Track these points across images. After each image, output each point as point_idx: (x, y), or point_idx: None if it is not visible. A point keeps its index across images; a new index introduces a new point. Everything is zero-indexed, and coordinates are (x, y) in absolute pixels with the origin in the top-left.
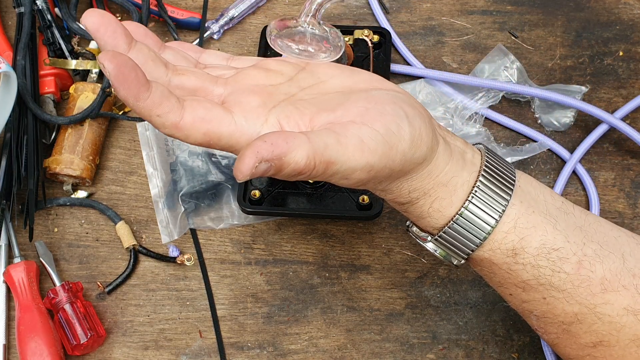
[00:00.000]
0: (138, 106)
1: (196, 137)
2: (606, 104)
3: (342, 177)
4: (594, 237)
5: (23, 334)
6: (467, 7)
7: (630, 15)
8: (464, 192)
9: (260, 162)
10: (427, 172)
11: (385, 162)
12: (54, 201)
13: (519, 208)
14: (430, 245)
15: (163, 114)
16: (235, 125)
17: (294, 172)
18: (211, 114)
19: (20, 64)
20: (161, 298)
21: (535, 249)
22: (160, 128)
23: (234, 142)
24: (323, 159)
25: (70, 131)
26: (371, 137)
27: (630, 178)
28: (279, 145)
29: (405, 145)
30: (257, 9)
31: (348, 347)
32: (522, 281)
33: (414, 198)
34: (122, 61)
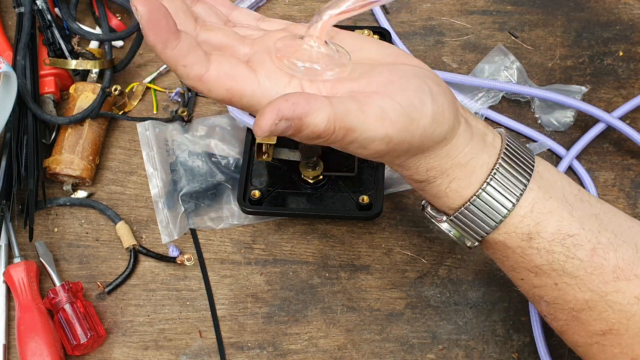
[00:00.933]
0: (165, 54)
1: (218, 92)
2: (606, 104)
3: (360, 146)
4: (608, 225)
5: (23, 334)
6: (467, 7)
7: (630, 15)
8: (482, 174)
9: (281, 119)
10: (446, 152)
11: (404, 136)
12: (54, 201)
13: (537, 193)
14: (445, 225)
15: (189, 64)
16: (258, 84)
17: (312, 135)
18: (236, 71)
19: (20, 64)
20: (161, 298)
21: (550, 234)
22: (184, 79)
23: (255, 101)
24: (343, 124)
25: (70, 131)
26: (393, 109)
27: (630, 178)
28: (300, 105)
29: (427, 121)
30: (257, 9)
31: (348, 347)
32: (535, 266)
33: (431, 177)
34: (154, 6)
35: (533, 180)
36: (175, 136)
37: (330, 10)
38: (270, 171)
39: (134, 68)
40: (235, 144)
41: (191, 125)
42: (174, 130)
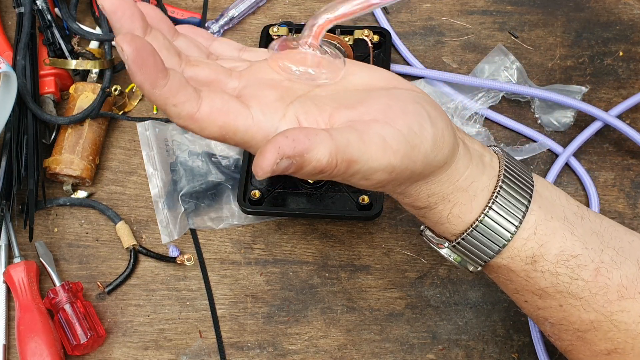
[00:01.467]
0: (154, 94)
1: (211, 130)
2: (606, 104)
3: (363, 178)
4: (610, 242)
5: (23, 334)
6: (467, 7)
7: (630, 15)
8: (484, 198)
9: (282, 158)
10: (446, 177)
11: (407, 164)
12: (54, 201)
13: (538, 214)
14: (446, 251)
15: (179, 103)
16: (252, 119)
17: (315, 171)
18: (228, 106)
19: (20, 64)
20: (161, 298)
21: (554, 256)
22: (175, 119)
23: (249, 137)
24: (345, 157)
25: (70, 131)
26: (394, 137)
27: (630, 178)
28: (300, 141)
29: (428, 147)
30: (257, 9)
31: (348, 347)
32: (540, 288)
33: (432, 203)
34: (141, 45)
35: (534, 200)
36: (175, 136)
37: (326, 15)
38: None
39: None
40: None
41: None
42: (174, 130)
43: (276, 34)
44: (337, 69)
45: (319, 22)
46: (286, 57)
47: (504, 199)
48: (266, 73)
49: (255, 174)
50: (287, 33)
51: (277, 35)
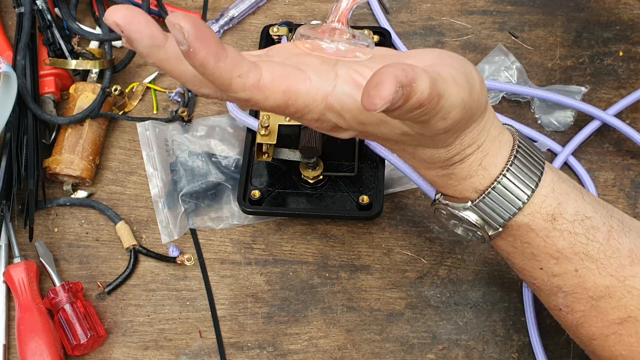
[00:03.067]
0: (219, 67)
1: (275, 97)
2: (606, 104)
3: (442, 117)
4: (614, 213)
5: (23, 334)
6: (467, 7)
7: (630, 15)
8: (506, 151)
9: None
10: (482, 124)
11: (471, 102)
12: (54, 201)
13: (552, 175)
14: (467, 212)
15: (243, 73)
16: (310, 81)
17: (416, 103)
18: (287, 71)
19: (20, 64)
20: (161, 298)
21: (571, 215)
22: (240, 91)
23: (310, 100)
24: (436, 90)
25: (70, 131)
26: (459, 76)
27: (630, 178)
28: (407, 70)
29: (478, 87)
30: (257, 9)
31: (348, 347)
32: (557, 250)
33: (467, 154)
34: (196, 20)
35: (547, 165)
36: (175, 136)
37: None
38: (270, 171)
39: (134, 68)
40: (235, 144)
41: (191, 125)
42: (174, 130)
43: (276, 34)
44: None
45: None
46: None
47: (523, 155)
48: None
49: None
50: (287, 33)
51: (277, 35)
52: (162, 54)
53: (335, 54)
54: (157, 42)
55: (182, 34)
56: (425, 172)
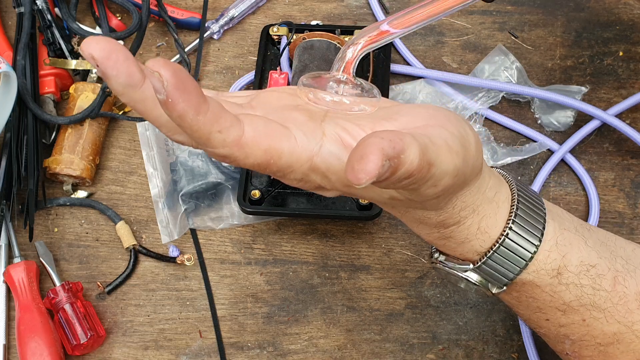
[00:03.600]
0: (198, 121)
1: (256, 155)
2: (606, 104)
3: (432, 184)
4: (617, 252)
5: (23, 334)
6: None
7: (630, 15)
8: (505, 210)
9: (385, 160)
10: (477, 186)
11: (464, 168)
12: (54, 201)
13: (554, 226)
14: (470, 274)
15: (224, 128)
16: (295, 140)
17: (405, 174)
18: (270, 128)
19: (20, 64)
20: (161, 298)
21: (576, 267)
22: (220, 147)
23: (294, 159)
24: (427, 159)
25: (70, 131)
26: (453, 140)
27: (630, 178)
28: (395, 141)
29: (473, 150)
30: (257, 9)
31: (348, 347)
32: (564, 303)
33: (462, 217)
34: (177, 68)
35: (548, 213)
36: None
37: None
38: None
39: None
40: None
41: None
42: None
43: (276, 34)
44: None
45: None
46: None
47: (524, 211)
48: (278, 100)
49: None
50: (287, 33)
51: (277, 35)
52: (137, 95)
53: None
54: (134, 82)
55: (161, 82)
56: (421, 231)
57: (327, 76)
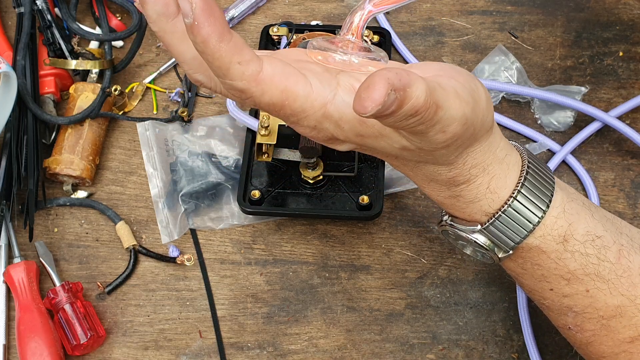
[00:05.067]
0: (220, 48)
1: (272, 93)
2: (606, 104)
3: (441, 130)
4: (622, 229)
5: (23, 334)
6: (467, 7)
7: (630, 15)
8: (515, 173)
9: (391, 90)
10: (488, 144)
11: (473, 118)
12: (54, 201)
13: (562, 195)
14: (477, 235)
15: (244, 61)
16: (310, 86)
17: (411, 110)
18: (288, 70)
19: (20, 64)
20: (161, 298)
21: (582, 236)
22: (238, 79)
23: (308, 105)
24: (433, 99)
25: (70, 131)
26: (463, 89)
27: (630, 178)
28: (402, 75)
29: (484, 104)
30: (257, 9)
31: (348, 347)
32: (569, 271)
33: (473, 175)
34: None
35: (556, 183)
36: (175, 136)
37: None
38: (270, 171)
39: (134, 68)
40: (235, 144)
41: (191, 125)
42: (174, 130)
43: (276, 34)
44: (381, 58)
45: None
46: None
47: (533, 176)
48: (297, 54)
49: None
50: (287, 33)
51: (277, 35)
52: (168, 26)
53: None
54: (168, 12)
55: (190, 4)
56: (431, 191)
57: (337, 39)
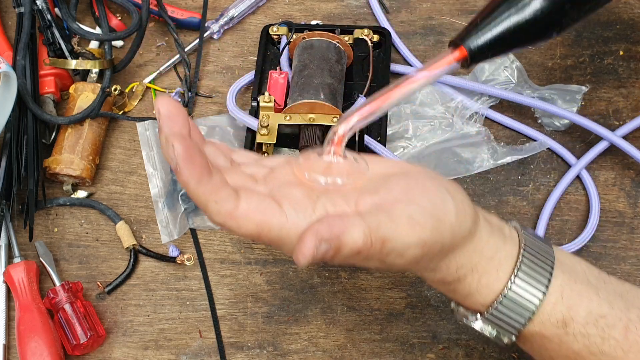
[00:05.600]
0: (199, 189)
1: (248, 227)
2: (606, 103)
3: (398, 256)
4: (634, 302)
5: (23, 334)
6: (467, 7)
7: (631, 14)
8: (509, 266)
9: (321, 242)
10: (472, 246)
11: (436, 237)
12: (54, 201)
13: (562, 278)
14: (479, 324)
15: (220, 200)
16: (285, 217)
17: (352, 251)
18: (264, 205)
19: (20, 64)
20: (161, 298)
21: (583, 318)
22: (215, 215)
23: (284, 234)
24: (378, 235)
25: (70, 131)
26: (420, 213)
27: (631, 178)
28: (335, 224)
29: (452, 218)
30: (257, 8)
31: (348, 347)
32: (574, 352)
33: (461, 275)
34: (190, 143)
35: (556, 267)
36: None
37: (343, 125)
38: None
39: (134, 68)
40: (235, 144)
41: None
42: None
43: (276, 34)
44: (361, 173)
45: (339, 132)
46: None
47: (527, 266)
48: (288, 175)
49: (297, 262)
50: (287, 33)
51: (277, 35)
52: None
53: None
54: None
55: (174, 151)
56: (429, 284)
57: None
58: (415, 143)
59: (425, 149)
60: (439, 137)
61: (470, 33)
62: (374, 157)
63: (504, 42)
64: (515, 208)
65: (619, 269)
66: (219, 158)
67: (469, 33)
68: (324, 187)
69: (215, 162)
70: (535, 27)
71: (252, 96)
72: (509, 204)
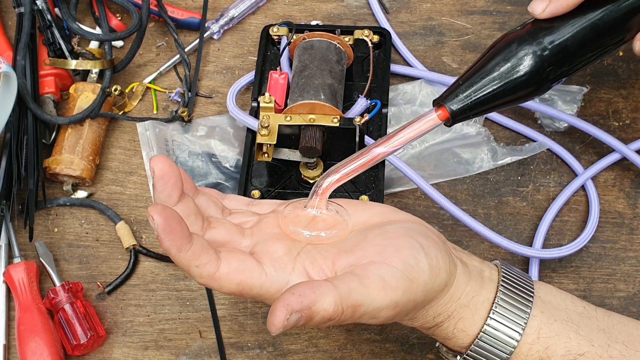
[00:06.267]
0: (180, 257)
1: (229, 287)
2: (606, 104)
3: (371, 317)
4: (618, 337)
5: (23, 334)
6: (467, 7)
7: None
8: (484, 310)
9: (291, 313)
10: (448, 297)
11: (408, 297)
12: (54, 201)
13: (541, 318)
14: None
15: (201, 264)
16: (265, 275)
17: (323, 320)
18: (244, 265)
19: (20, 64)
20: (161, 298)
21: (561, 357)
22: (197, 278)
23: (264, 291)
24: (349, 303)
25: (70, 131)
26: (392, 275)
27: (630, 178)
28: (306, 295)
29: (425, 277)
30: (257, 9)
31: (348, 347)
32: None
33: (439, 322)
34: (170, 214)
35: (535, 306)
36: (175, 136)
37: (329, 178)
38: (270, 171)
39: (134, 68)
40: (235, 144)
41: (191, 125)
42: (174, 130)
43: (276, 34)
44: (344, 227)
45: (324, 185)
46: (296, 219)
47: (503, 308)
48: (274, 227)
49: (269, 330)
50: (287, 33)
51: (277, 35)
52: None
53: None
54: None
55: (154, 224)
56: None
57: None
58: (415, 143)
59: (425, 149)
60: (438, 137)
61: (452, 95)
62: (357, 204)
63: (484, 105)
64: (514, 209)
65: (619, 269)
66: (210, 208)
67: (451, 94)
68: (308, 239)
69: (206, 212)
70: (517, 95)
71: (252, 96)
72: (508, 204)
